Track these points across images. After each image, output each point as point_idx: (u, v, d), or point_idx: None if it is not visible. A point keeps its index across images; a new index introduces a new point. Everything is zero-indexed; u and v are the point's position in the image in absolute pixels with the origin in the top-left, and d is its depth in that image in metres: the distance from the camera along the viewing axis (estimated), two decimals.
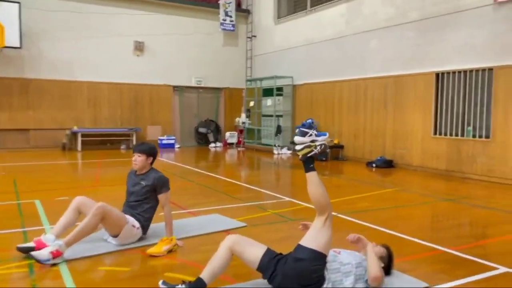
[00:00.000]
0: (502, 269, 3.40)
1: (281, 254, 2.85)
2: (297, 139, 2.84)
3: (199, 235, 4.23)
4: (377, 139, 10.35)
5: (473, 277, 3.23)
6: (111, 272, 3.32)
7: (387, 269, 3.03)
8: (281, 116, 13.30)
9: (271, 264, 2.76)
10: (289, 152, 12.74)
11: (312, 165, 2.82)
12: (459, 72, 8.50)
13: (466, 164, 8.35)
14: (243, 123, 14.87)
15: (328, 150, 2.52)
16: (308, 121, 2.88)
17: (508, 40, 7.62)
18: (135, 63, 13.65)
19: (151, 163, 4.03)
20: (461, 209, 5.84)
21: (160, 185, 3.91)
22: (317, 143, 2.83)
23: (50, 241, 3.44)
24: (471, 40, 8.22)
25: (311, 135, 2.82)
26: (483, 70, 8.07)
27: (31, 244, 3.48)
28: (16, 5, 11.41)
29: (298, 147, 2.85)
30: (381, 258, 2.99)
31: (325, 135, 2.86)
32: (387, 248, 3.10)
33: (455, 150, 8.57)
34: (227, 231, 4.35)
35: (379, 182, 8.03)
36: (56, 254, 3.28)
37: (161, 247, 3.61)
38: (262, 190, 6.90)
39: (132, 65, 13.60)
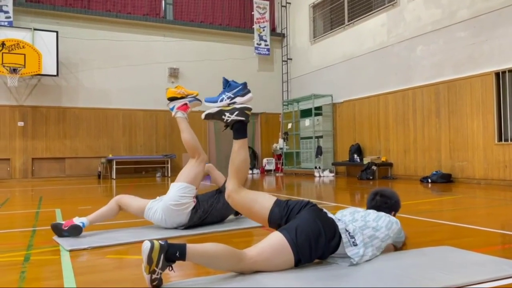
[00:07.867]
0: None
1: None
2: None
3: (235, 229, 3.54)
4: (431, 152, 9.34)
5: None
6: (119, 260, 2.63)
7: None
8: (321, 137, 12.52)
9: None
10: (332, 174, 11.84)
11: None
12: None
13: None
14: (281, 148, 14.18)
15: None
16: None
17: None
18: None
19: None
20: None
21: None
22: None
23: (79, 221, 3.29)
24: None
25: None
26: None
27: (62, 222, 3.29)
28: (54, 34, 11.57)
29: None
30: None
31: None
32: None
33: None
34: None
35: (439, 192, 7.00)
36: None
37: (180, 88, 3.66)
38: (304, 199, 6.10)
39: None
